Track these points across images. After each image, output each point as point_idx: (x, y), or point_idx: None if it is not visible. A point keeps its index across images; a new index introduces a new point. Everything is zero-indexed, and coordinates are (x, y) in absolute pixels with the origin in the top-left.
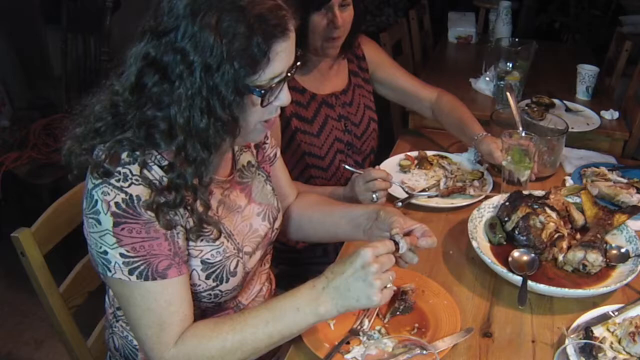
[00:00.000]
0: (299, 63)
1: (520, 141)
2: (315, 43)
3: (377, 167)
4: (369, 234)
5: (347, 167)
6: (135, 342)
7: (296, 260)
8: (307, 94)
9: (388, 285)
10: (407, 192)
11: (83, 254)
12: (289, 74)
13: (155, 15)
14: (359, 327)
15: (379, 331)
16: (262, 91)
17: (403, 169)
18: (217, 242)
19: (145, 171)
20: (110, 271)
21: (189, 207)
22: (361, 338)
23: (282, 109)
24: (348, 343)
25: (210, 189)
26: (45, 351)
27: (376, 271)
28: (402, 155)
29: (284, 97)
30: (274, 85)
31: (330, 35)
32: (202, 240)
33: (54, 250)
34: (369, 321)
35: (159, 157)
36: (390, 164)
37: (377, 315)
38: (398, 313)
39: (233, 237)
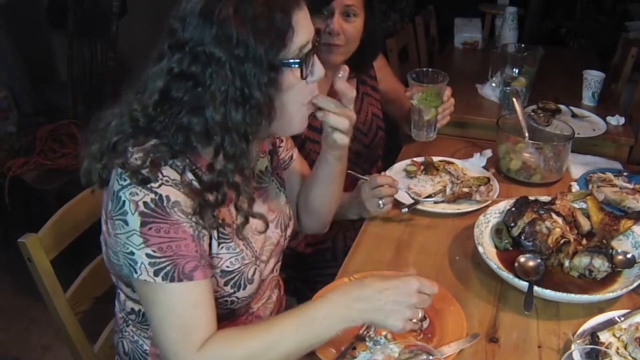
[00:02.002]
0: (318, 39)
1: (429, 85)
2: None
3: (383, 173)
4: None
5: (352, 172)
6: (145, 347)
7: (304, 265)
8: None
9: (414, 320)
10: (413, 198)
11: (90, 259)
12: (315, 45)
13: (170, 34)
14: (365, 332)
15: (385, 337)
16: (299, 60)
17: (409, 174)
18: (237, 249)
19: (183, 177)
20: (136, 272)
21: (217, 214)
22: (368, 343)
23: None
24: (354, 349)
25: (231, 196)
26: (52, 356)
27: (413, 303)
28: (408, 161)
29: (317, 70)
30: (305, 54)
31: (327, 41)
32: (222, 247)
33: (60, 256)
34: (375, 326)
35: (188, 162)
36: (396, 170)
37: None
38: None
39: (251, 244)
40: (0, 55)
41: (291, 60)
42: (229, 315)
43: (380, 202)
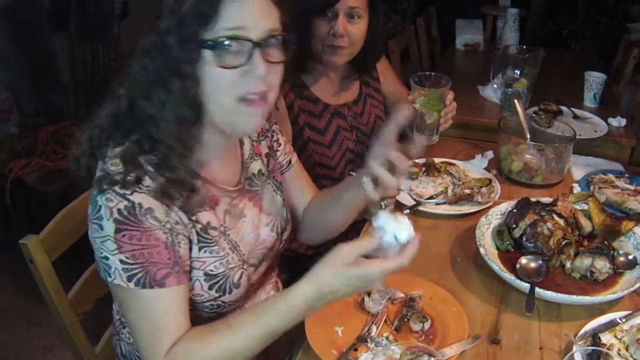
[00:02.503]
0: (276, 36)
1: (432, 89)
2: (316, 48)
3: None
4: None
5: (355, 174)
6: None
7: (306, 267)
8: (320, 104)
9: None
10: (415, 200)
11: (91, 261)
12: (262, 42)
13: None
14: (367, 333)
15: (387, 338)
16: (213, 44)
17: (411, 176)
18: (222, 253)
19: (154, 179)
20: (110, 276)
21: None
22: (369, 345)
23: (296, 118)
24: (356, 350)
25: (217, 199)
26: (53, 357)
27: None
28: (409, 163)
29: (256, 68)
30: (227, 37)
31: (331, 43)
32: (204, 251)
33: (62, 257)
34: (377, 328)
35: (153, 158)
36: None
37: (385, 322)
38: (406, 320)
39: (239, 248)
40: (2, 57)
41: (208, 43)
42: (217, 319)
43: (382, 203)
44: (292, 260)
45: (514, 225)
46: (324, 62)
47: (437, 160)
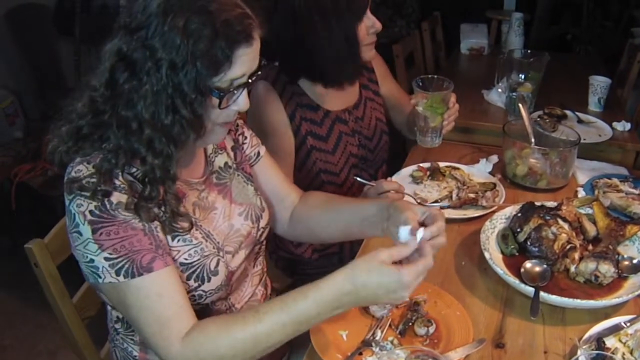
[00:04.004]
0: (259, 72)
1: (435, 92)
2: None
3: (389, 178)
4: (387, 232)
5: (358, 179)
6: (135, 353)
7: (312, 270)
8: (320, 112)
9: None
10: (419, 204)
11: None
12: (249, 80)
13: (130, 12)
14: (371, 337)
15: (392, 342)
16: (221, 93)
17: (415, 180)
18: (195, 241)
19: (123, 179)
20: (100, 277)
21: (161, 202)
22: (374, 349)
23: (298, 127)
24: (361, 354)
25: (184, 192)
26: None
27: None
28: (414, 167)
29: (242, 102)
30: (233, 88)
31: (371, 40)
32: (178, 240)
33: (67, 262)
34: (382, 332)
35: (127, 166)
36: (402, 176)
37: (390, 326)
38: (410, 324)
39: (212, 236)
40: (7, 62)
41: (215, 91)
42: (205, 310)
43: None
44: (298, 264)
45: (518, 230)
46: (365, 59)
47: (441, 164)
